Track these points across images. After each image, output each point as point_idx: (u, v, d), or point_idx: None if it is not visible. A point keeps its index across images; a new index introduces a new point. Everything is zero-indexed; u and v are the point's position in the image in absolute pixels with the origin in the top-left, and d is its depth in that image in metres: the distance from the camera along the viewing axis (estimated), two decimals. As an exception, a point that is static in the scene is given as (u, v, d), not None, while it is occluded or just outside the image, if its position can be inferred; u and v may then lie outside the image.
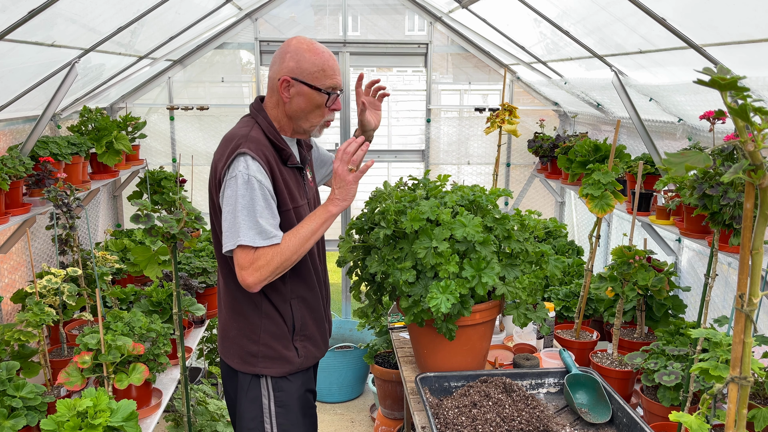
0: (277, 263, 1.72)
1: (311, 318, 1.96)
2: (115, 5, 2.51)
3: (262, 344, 1.88)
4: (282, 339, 1.89)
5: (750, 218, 0.82)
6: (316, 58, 1.78)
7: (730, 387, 0.88)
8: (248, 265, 1.70)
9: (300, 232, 1.76)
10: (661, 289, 2.30)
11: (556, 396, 1.94)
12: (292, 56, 1.79)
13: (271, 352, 1.88)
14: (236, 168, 1.71)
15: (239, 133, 1.80)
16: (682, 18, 2.01)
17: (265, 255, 1.70)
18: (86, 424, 1.64)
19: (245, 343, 1.89)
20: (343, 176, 1.79)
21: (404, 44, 4.28)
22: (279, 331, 1.88)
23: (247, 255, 1.70)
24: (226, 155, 1.76)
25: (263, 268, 1.70)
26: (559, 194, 4.58)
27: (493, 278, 1.74)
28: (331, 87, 1.81)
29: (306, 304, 1.93)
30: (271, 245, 1.71)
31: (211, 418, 3.04)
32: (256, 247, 1.70)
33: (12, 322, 2.46)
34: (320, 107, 1.82)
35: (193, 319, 3.01)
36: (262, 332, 1.88)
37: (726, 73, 0.70)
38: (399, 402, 3.31)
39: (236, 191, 1.70)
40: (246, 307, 1.89)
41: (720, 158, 1.71)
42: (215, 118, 4.27)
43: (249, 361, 1.89)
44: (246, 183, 1.70)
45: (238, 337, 1.91)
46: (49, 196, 2.45)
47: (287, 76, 1.78)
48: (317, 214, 1.80)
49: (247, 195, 1.70)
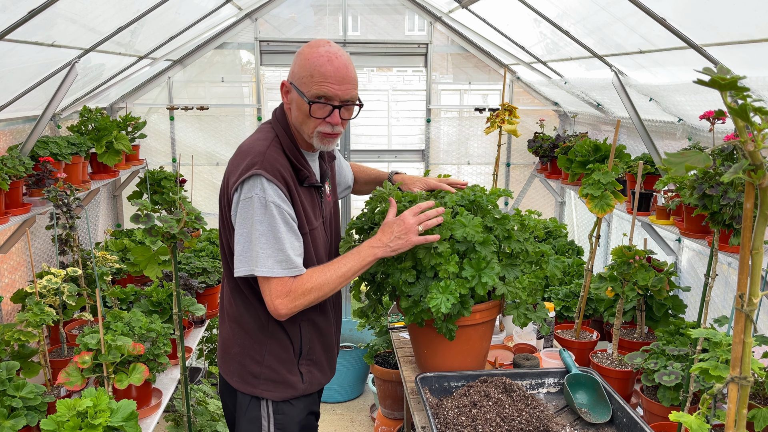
0: (314, 297, 1.63)
1: (320, 342, 1.86)
2: (115, 5, 2.51)
3: (265, 366, 1.77)
4: (287, 362, 1.79)
5: (750, 218, 0.82)
6: (309, 61, 1.62)
7: (730, 387, 0.88)
8: (284, 294, 1.60)
9: (341, 269, 1.66)
10: (661, 289, 2.30)
11: (556, 396, 1.94)
12: (295, 58, 1.69)
13: (274, 375, 1.78)
14: (252, 190, 1.59)
15: (256, 149, 1.66)
16: (682, 18, 2.01)
17: (303, 287, 1.62)
18: (86, 424, 1.64)
19: (247, 363, 1.79)
20: (411, 232, 1.68)
21: (404, 44, 4.28)
22: (285, 353, 1.78)
23: (284, 285, 1.60)
24: (239, 172, 1.63)
25: (299, 300, 1.62)
26: (559, 194, 4.58)
27: (493, 278, 1.74)
28: (315, 96, 1.63)
29: (316, 328, 1.84)
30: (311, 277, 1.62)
31: (211, 418, 3.04)
32: (293, 277, 1.61)
33: (12, 322, 2.46)
34: (307, 116, 1.66)
35: (193, 319, 3.01)
36: (266, 353, 1.77)
37: (726, 73, 0.70)
38: (399, 402, 3.31)
39: (252, 216, 1.59)
40: (252, 325, 1.78)
41: (720, 158, 1.71)
42: (215, 118, 4.27)
43: (250, 381, 1.79)
44: (263, 208, 1.59)
45: (240, 356, 1.80)
46: (49, 196, 2.45)
47: (285, 80, 1.70)
48: (362, 254, 1.69)
49: (265, 221, 1.59)
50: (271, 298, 1.61)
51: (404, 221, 1.69)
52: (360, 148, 4.46)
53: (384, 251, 1.69)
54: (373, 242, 1.71)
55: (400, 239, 1.69)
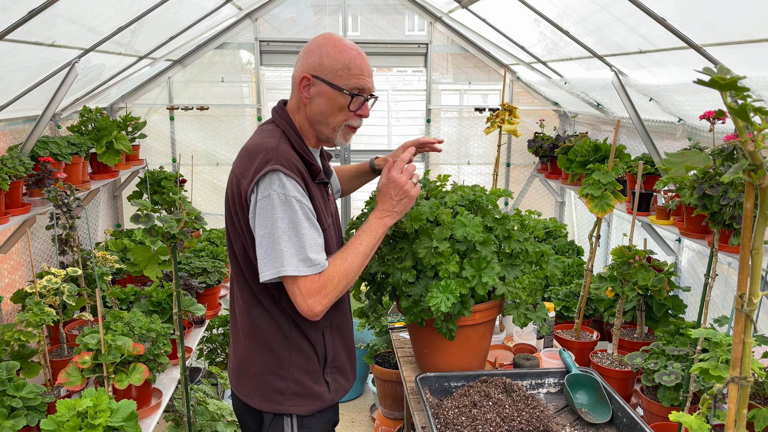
0: (344, 286, 1.57)
1: (343, 347, 1.79)
2: (115, 5, 2.51)
3: (290, 380, 1.67)
4: (313, 373, 1.70)
5: (750, 218, 0.82)
6: (341, 54, 1.58)
7: (730, 387, 0.88)
8: (316, 292, 1.52)
9: (359, 250, 1.61)
10: (661, 289, 2.30)
11: (556, 396, 1.94)
12: (314, 52, 1.60)
13: (301, 388, 1.68)
14: (269, 187, 1.51)
15: (266, 145, 1.57)
16: (682, 18, 2.01)
17: (332, 279, 1.55)
18: (86, 424, 1.64)
19: (271, 380, 1.68)
20: (407, 188, 1.64)
21: (404, 44, 4.28)
22: (310, 364, 1.69)
23: (313, 283, 1.52)
24: (252, 171, 1.54)
25: (331, 294, 1.55)
26: (559, 194, 4.58)
27: (493, 278, 1.74)
28: (357, 88, 1.60)
29: (339, 332, 1.77)
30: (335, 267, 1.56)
31: (211, 418, 3.04)
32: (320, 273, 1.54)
33: (12, 322, 2.46)
34: (343, 110, 1.61)
35: (193, 319, 3.01)
36: (291, 367, 1.68)
37: (726, 73, 0.70)
38: (399, 402, 3.31)
39: (273, 214, 1.51)
40: (273, 338, 1.67)
41: (720, 158, 1.71)
42: (215, 118, 4.27)
43: (274, 399, 1.68)
44: (284, 204, 1.51)
45: (262, 373, 1.69)
46: (49, 196, 2.45)
47: (308, 74, 1.60)
48: (374, 228, 1.64)
49: (286, 218, 1.51)
50: (303, 299, 1.52)
51: (397, 181, 1.65)
52: (360, 148, 4.46)
53: (392, 217, 1.66)
54: (378, 213, 1.66)
55: (402, 200, 1.66)
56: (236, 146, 4.30)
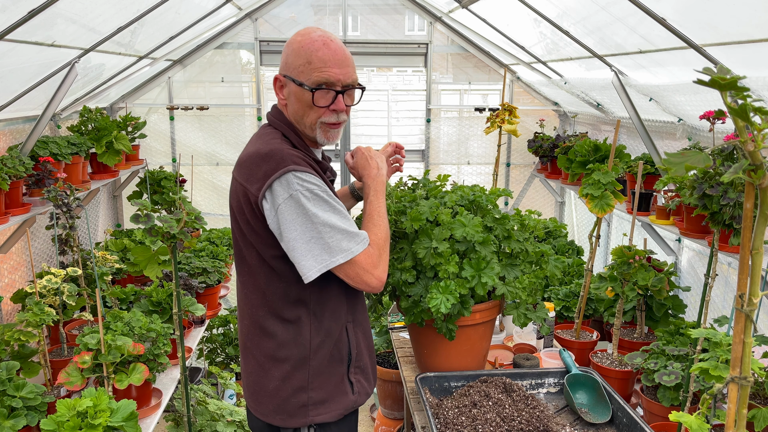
0: (388, 249, 1.59)
1: (366, 346, 1.71)
2: (115, 5, 2.51)
3: (312, 389, 1.59)
4: (335, 375, 1.62)
5: (750, 218, 0.82)
6: (303, 48, 1.51)
7: (730, 387, 0.88)
8: (377, 263, 1.52)
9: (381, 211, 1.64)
10: (661, 289, 2.30)
11: (556, 396, 1.94)
12: (284, 51, 1.56)
13: (323, 394, 1.60)
14: (288, 188, 1.45)
15: (270, 148, 1.51)
16: (682, 18, 2.01)
17: (380, 245, 1.56)
18: (86, 424, 1.64)
19: (292, 394, 1.59)
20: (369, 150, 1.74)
21: (404, 44, 4.28)
22: (332, 367, 1.62)
23: (371, 254, 1.51)
24: (261, 176, 1.47)
25: (385, 259, 1.56)
26: (559, 194, 4.58)
27: (493, 278, 1.74)
28: (319, 82, 1.51)
29: (361, 329, 1.70)
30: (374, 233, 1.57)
31: (211, 418, 3.04)
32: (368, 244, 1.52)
33: (12, 322, 2.46)
34: (311, 107, 1.54)
35: (193, 319, 3.01)
36: (311, 376, 1.60)
37: (726, 73, 0.70)
38: (399, 402, 3.31)
39: (303, 212, 1.44)
40: (293, 350, 1.58)
41: (720, 158, 1.71)
42: (215, 118, 4.27)
43: (296, 413, 1.59)
44: (311, 199, 1.46)
45: (280, 389, 1.59)
46: (49, 196, 2.45)
47: (279, 74, 1.57)
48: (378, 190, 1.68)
49: (319, 210, 1.46)
50: (369, 274, 1.50)
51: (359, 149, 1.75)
52: (360, 148, 4.46)
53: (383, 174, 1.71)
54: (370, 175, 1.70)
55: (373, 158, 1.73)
56: (236, 146, 4.31)
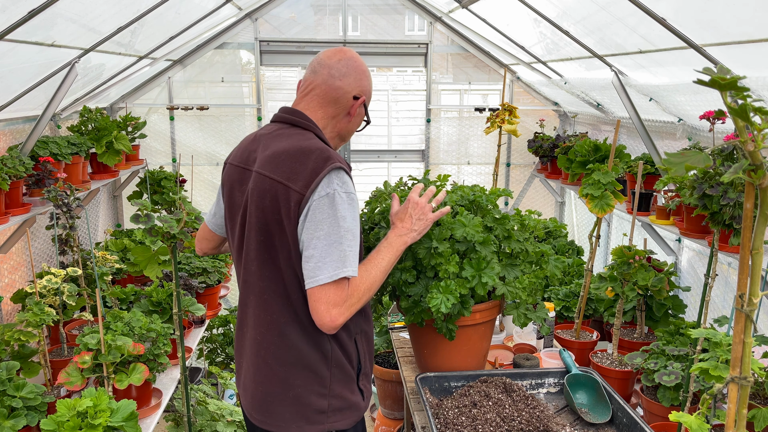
0: (366, 299, 1.51)
1: (368, 353, 1.74)
2: (115, 5, 2.51)
3: (332, 397, 1.60)
4: (349, 383, 1.64)
5: (750, 218, 0.82)
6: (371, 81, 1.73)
7: (730, 387, 0.88)
8: (342, 302, 1.44)
9: (381, 265, 1.56)
10: (661, 289, 2.30)
11: (556, 396, 1.94)
12: (367, 77, 1.68)
13: (342, 402, 1.61)
14: (329, 185, 1.44)
15: (315, 145, 1.52)
16: (682, 18, 2.01)
17: (359, 290, 1.48)
18: (86, 424, 1.64)
19: (313, 401, 1.58)
20: (426, 210, 1.68)
21: (404, 44, 4.28)
22: (346, 375, 1.63)
23: (342, 291, 1.44)
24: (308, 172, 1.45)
25: (355, 305, 1.48)
26: (559, 194, 4.58)
27: (493, 278, 1.74)
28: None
29: (367, 339, 1.72)
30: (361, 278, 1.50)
31: (211, 418, 3.04)
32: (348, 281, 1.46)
33: (12, 322, 2.46)
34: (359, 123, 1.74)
35: (193, 319, 3.01)
36: (332, 383, 1.60)
37: (726, 73, 0.70)
38: (399, 402, 3.31)
39: (335, 212, 1.43)
40: (314, 357, 1.57)
41: (720, 158, 1.71)
42: (215, 118, 4.27)
43: (316, 420, 1.59)
44: (348, 201, 1.45)
45: (303, 396, 1.58)
46: (49, 196, 2.45)
47: (365, 97, 1.67)
48: (394, 245, 1.62)
49: (349, 216, 1.45)
50: (328, 308, 1.42)
51: (417, 203, 1.68)
52: (360, 148, 4.47)
53: (412, 237, 1.66)
54: (399, 231, 1.65)
55: (420, 220, 1.67)
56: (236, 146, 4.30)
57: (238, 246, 1.64)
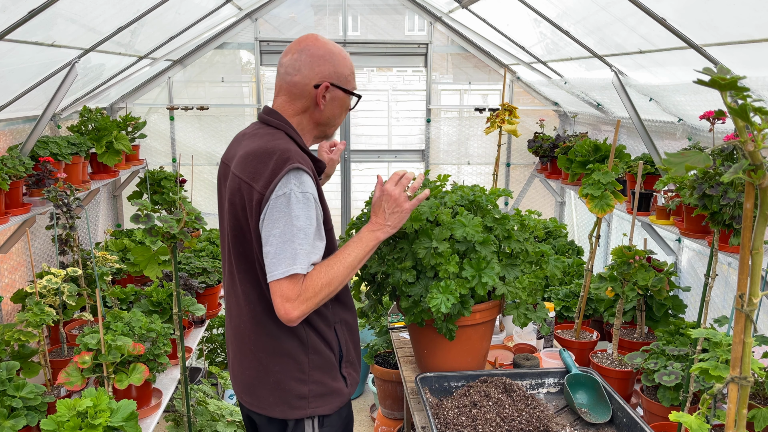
0: (325, 294, 1.53)
1: (352, 341, 1.78)
2: (115, 5, 2.51)
3: (312, 383, 1.66)
4: (331, 370, 1.69)
5: (750, 218, 0.82)
6: (346, 60, 1.69)
7: (730, 387, 0.88)
8: (295, 296, 1.49)
9: (346, 260, 1.58)
10: (661, 289, 2.30)
11: (556, 396, 1.94)
12: (326, 60, 1.65)
13: (322, 388, 1.67)
14: (286, 185, 1.50)
15: (279, 146, 1.57)
16: (682, 18, 2.01)
17: (314, 285, 1.51)
18: (86, 424, 1.64)
19: (293, 386, 1.65)
20: (400, 201, 1.64)
21: (404, 44, 4.28)
22: (327, 362, 1.68)
23: (295, 286, 1.49)
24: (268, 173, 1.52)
25: (311, 300, 1.51)
26: (559, 194, 4.58)
27: (493, 278, 1.74)
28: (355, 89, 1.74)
29: (348, 327, 1.76)
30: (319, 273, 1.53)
31: (211, 418, 3.04)
32: (304, 276, 1.50)
33: (12, 322, 2.46)
34: (347, 110, 1.73)
35: (193, 319, 3.01)
36: (311, 369, 1.66)
37: (726, 73, 0.70)
38: (399, 402, 3.31)
39: (289, 212, 1.49)
40: (291, 344, 1.64)
41: (720, 158, 1.71)
42: (215, 118, 4.27)
43: (297, 405, 1.65)
44: (303, 201, 1.50)
45: (283, 381, 1.65)
46: (49, 196, 2.45)
47: (327, 82, 1.65)
48: (364, 240, 1.62)
49: (303, 215, 1.50)
50: (281, 302, 1.49)
51: (390, 194, 1.65)
52: (360, 148, 4.46)
53: (385, 231, 1.64)
54: (371, 226, 1.65)
55: (394, 213, 1.64)
56: (236, 146, 4.30)
57: (222, 239, 1.74)
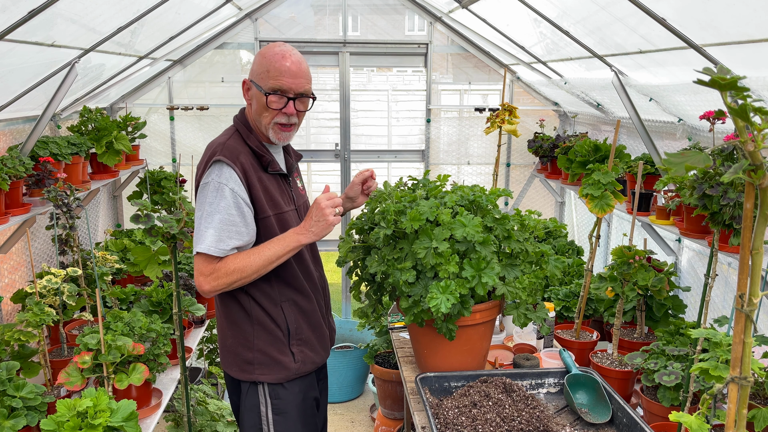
0: (236, 278, 1.75)
1: (306, 323, 1.96)
2: (115, 5, 2.51)
3: (256, 351, 1.89)
4: (276, 343, 1.89)
5: (750, 218, 0.82)
6: (265, 59, 1.81)
7: (730, 387, 0.88)
8: (208, 273, 1.74)
9: (265, 254, 1.77)
10: (661, 289, 2.30)
11: (556, 396, 1.94)
12: (256, 60, 1.85)
13: (266, 358, 1.89)
14: (209, 175, 1.76)
15: (217, 141, 1.85)
16: (682, 18, 2.01)
17: (226, 267, 1.74)
18: (86, 424, 1.64)
19: (241, 351, 1.90)
20: (325, 213, 1.79)
21: (404, 44, 4.28)
22: (272, 336, 1.89)
23: (209, 263, 1.74)
24: (203, 164, 1.82)
25: (220, 279, 1.74)
26: (559, 194, 4.58)
27: (493, 278, 1.74)
28: (272, 88, 1.80)
29: (298, 308, 1.93)
30: (235, 259, 1.74)
31: (211, 418, 3.04)
32: (219, 257, 1.74)
33: (12, 322, 2.46)
34: (267, 109, 1.82)
35: (193, 319, 3.01)
36: (255, 339, 1.89)
37: (726, 73, 0.70)
38: (399, 402, 3.31)
39: (205, 198, 1.75)
40: (238, 315, 1.90)
41: (720, 158, 1.71)
42: (215, 118, 4.27)
43: (245, 368, 1.90)
44: (216, 191, 1.73)
45: (234, 346, 1.92)
46: (49, 196, 2.45)
47: (246, 78, 1.87)
48: (286, 240, 1.80)
49: (215, 203, 1.73)
50: (197, 275, 1.76)
51: (319, 206, 1.79)
52: (360, 148, 4.46)
53: (307, 237, 1.80)
54: (298, 229, 1.81)
55: (318, 222, 1.79)
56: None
57: None
